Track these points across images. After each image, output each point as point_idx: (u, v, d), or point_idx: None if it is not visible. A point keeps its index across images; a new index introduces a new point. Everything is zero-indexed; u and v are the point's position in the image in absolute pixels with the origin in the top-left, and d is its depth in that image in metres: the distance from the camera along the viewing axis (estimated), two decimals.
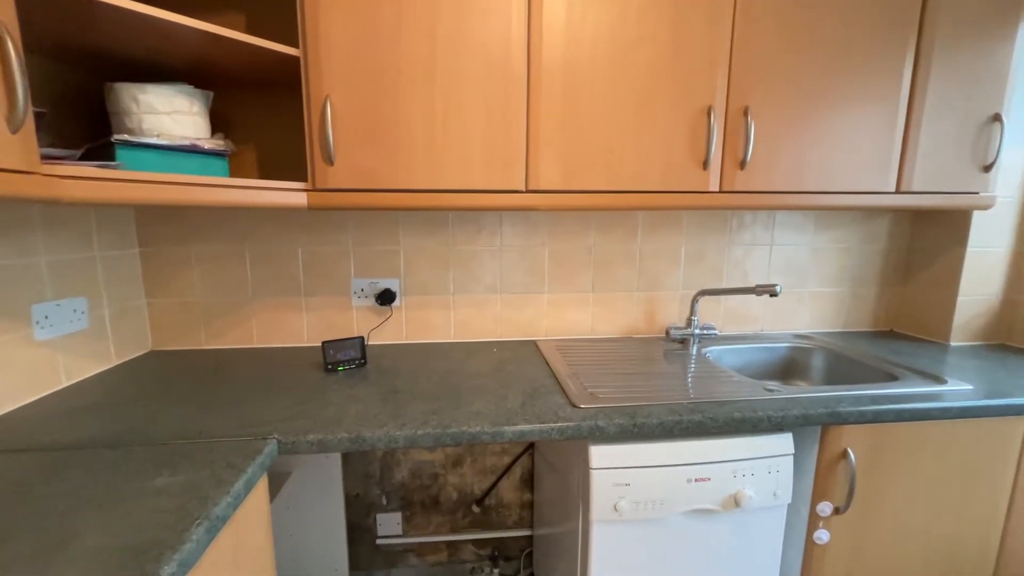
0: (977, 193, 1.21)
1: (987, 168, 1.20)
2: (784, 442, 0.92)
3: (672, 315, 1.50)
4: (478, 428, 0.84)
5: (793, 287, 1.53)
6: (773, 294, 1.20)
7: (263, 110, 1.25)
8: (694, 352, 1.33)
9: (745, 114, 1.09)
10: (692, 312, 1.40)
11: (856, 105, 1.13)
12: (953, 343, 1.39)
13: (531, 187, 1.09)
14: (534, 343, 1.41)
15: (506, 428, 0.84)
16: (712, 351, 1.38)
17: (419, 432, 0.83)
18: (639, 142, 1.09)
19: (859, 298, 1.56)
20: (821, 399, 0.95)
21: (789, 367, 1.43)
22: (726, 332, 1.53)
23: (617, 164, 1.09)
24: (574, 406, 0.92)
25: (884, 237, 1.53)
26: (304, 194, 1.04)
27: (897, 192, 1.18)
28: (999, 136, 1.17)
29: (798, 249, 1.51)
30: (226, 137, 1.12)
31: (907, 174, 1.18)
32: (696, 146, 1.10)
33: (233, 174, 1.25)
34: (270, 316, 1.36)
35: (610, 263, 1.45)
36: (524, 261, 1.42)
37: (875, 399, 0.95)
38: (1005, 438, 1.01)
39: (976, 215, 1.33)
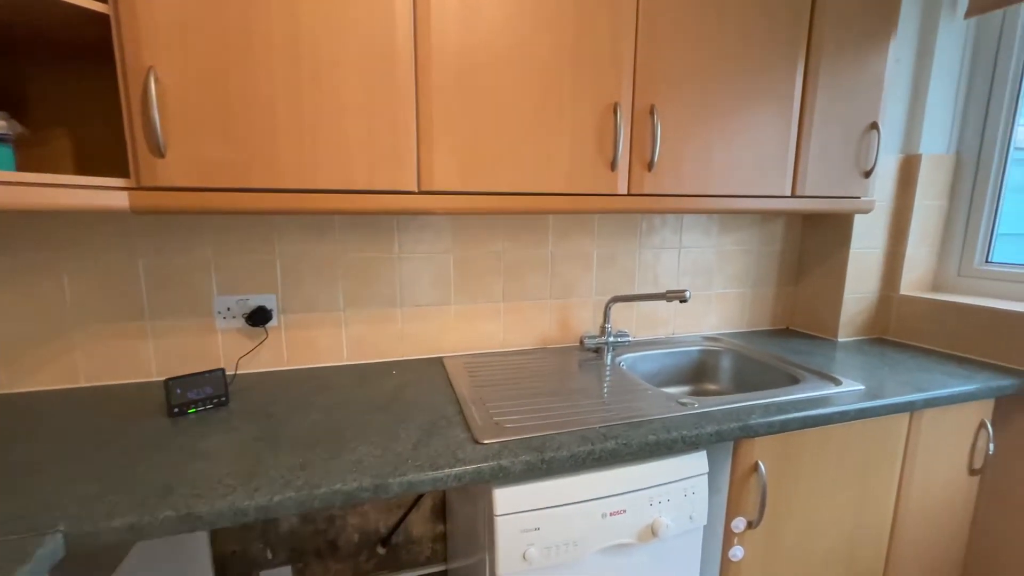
0: (859, 198, 1.28)
1: (867, 174, 1.26)
2: (699, 461, 0.87)
3: (586, 322, 1.44)
4: (356, 484, 0.69)
5: (701, 289, 1.54)
6: (683, 300, 1.17)
7: (82, 87, 0.98)
8: (609, 361, 1.27)
9: (651, 113, 1.04)
10: (606, 319, 1.34)
11: (755, 111, 1.13)
12: (840, 339, 1.48)
13: (425, 188, 0.95)
14: (440, 361, 1.27)
15: (391, 481, 0.70)
16: (626, 359, 1.34)
17: (276, 499, 0.65)
18: (544, 139, 0.99)
19: (759, 298, 1.61)
20: (733, 412, 0.92)
21: (700, 371, 1.43)
22: (640, 337, 1.50)
23: (521, 163, 0.99)
24: (476, 442, 0.80)
25: (779, 239, 1.59)
26: (125, 193, 0.81)
27: (793, 196, 1.21)
28: (876, 143, 1.24)
29: (704, 251, 1.52)
30: (13, 118, 0.85)
31: (801, 179, 1.20)
32: (604, 146, 1.03)
33: (34, 168, 0.96)
34: (102, 346, 1.08)
35: (521, 270, 1.35)
36: (427, 269, 1.27)
37: (782, 407, 0.94)
38: (893, 434, 1.05)
39: (857, 218, 1.42)
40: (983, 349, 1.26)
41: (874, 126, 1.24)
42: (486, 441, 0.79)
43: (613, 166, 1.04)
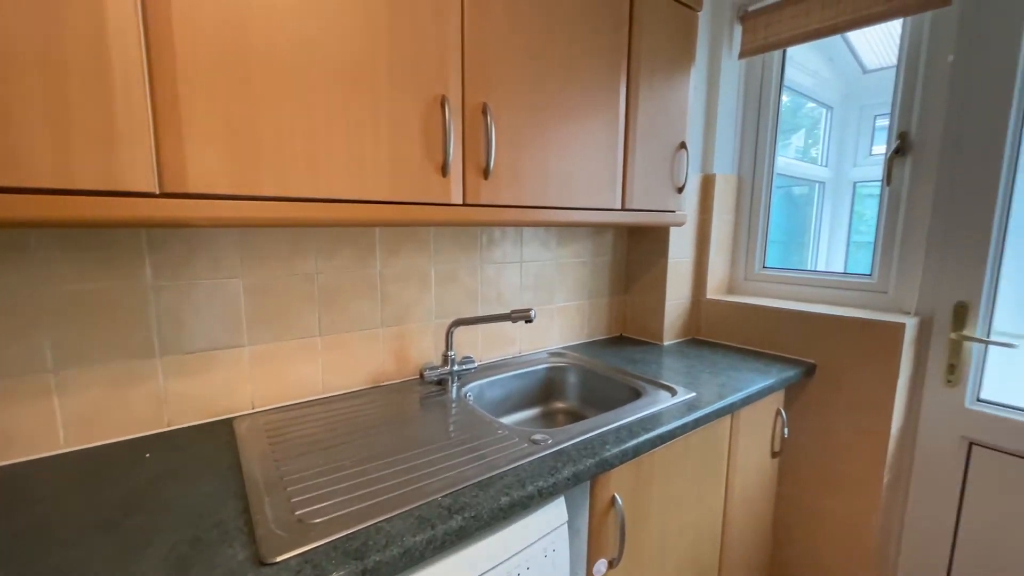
0: (675, 211, 1.37)
1: (680, 190, 1.36)
2: (557, 511, 0.76)
3: (427, 350, 1.26)
4: None
5: (544, 303, 1.50)
6: (528, 320, 1.08)
7: None
8: (454, 394, 1.11)
9: (484, 112, 0.91)
10: (448, 346, 1.18)
11: (587, 124, 1.10)
12: (666, 343, 1.59)
13: (171, 189, 0.65)
14: (231, 425, 0.94)
15: None
16: (473, 388, 1.19)
17: None
18: (357, 134, 0.78)
19: (596, 308, 1.65)
20: (587, 443, 0.84)
21: (548, 390, 1.37)
22: (486, 359, 1.37)
23: (325, 162, 0.76)
24: (262, 563, 0.54)
25: (609, 250, 1.65)
26: None
27: (623, 209, 1.22)
28: (686, 162, 1.35)
29: (545, 265, 1.48)
30: None
31: (629, 192, 1.23)
32: (432, 147, 0.87)
33: None
34: None
35: (342, 294, 1.10)
36: (204, 302, 0.93)
37: (632, 430, 0.89)
38: (720, 435, 1.12)
39: (671, 230, 1.54)
40: (769, 343, 1.46)
41: (683, 146, 1.34)
42: (278, 559, 0.55)
43: (444, 171, 0.88)
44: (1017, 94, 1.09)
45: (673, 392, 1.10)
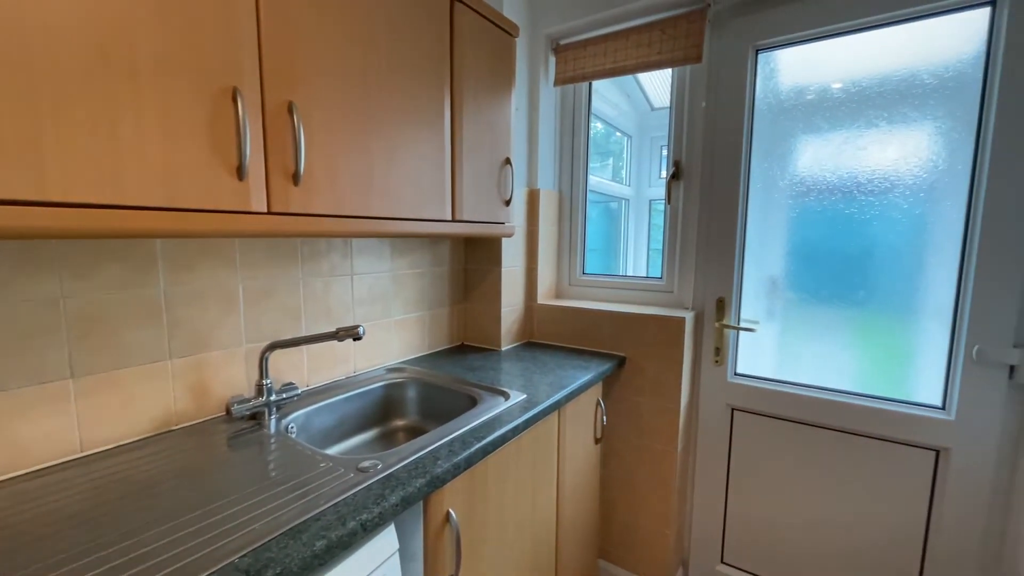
0: (503, 223, 1.44)
1: (507, 202, 1.43)
2: (387, 540, 0.72)
3: (237, 380, 1.08)
4: None
5: (380, 317, 1.43)
6: (357, 337, 1.01)
7: None
8: (272, 428, 0.98)
9: (290, 112, 0.82)
10: (263, 374, 1.03)
11: (413, 135, 1.08)
12: (504, 348, 1.65)
13: None
14: None
15: None
16: (296, 419, 1.07)
17: None
18: (108, 124, 0.63)
19: (436, 319, 1.64)
20: (418, 462, 0.81)
21: (386, 409, 1.30)
22: (314, 384, 1.24)
23: (60, 157, 0.59)
24: None
25: (447, 261, 1.66)
26: None
27: (453, 221, 1.24)
28: (511, 177, 1.43)
29: (380, 277, 1.41)
30: None
31: (458, 204, 1.25)
32: (223, 145, 0.74)
33: None
34: None
35: (108, 322, 0.88)
36: None
37: (465, 441, 0.90)
38: (549, 431, 1.20)
39: (504, 240, 1.61)
40: (590, 341, 1.63)
41: (508, 161, 1.42)
42: None
43: (241, 174, 0.77)
44: (746, 134, 1.43)
45: (507, 396, 1.15)
